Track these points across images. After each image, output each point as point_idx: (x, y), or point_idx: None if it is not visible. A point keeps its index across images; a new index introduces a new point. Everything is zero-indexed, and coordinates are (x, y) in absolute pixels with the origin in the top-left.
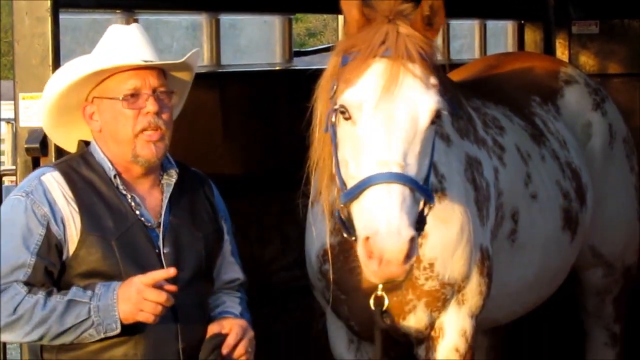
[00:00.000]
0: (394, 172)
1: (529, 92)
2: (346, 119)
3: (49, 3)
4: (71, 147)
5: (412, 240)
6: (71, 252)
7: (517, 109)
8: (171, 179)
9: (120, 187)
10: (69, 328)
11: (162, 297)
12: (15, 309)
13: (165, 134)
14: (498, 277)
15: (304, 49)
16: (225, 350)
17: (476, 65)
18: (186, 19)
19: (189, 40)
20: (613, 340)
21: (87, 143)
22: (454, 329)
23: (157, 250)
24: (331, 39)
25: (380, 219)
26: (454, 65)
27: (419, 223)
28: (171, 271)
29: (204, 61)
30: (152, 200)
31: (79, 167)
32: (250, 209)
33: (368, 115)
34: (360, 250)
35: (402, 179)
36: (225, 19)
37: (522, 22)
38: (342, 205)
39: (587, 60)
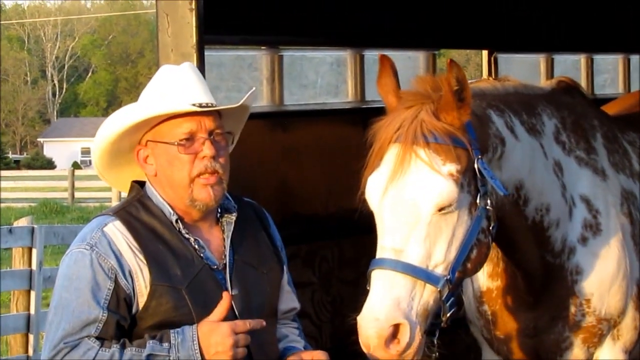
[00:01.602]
0: (386, 258)
1: None
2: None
3: (194, 40)
4: (123, 187)
5: (397, 326)
6: (141, 305)
7: None
8: (231, 216)
9: (183, 231)
10: None
11: (249, 340)
12: None
13: (223, 177)
14: None
15: None
16: None
17: (628, 100)
18: (331, 55)
19: (334, 76)
20: None
21: (139, 183)
22: None
23: None
24: (474, 74)
25: (366, 305)
26: (598, 101)
27: (447, 303)
28: (226, 301)
29: (348, 97)
30: (214, 240)
31: (138, 213)
32: None
33: (377, 201)
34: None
35: (392, 265)
36: (370, 54)
37: None
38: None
39: None
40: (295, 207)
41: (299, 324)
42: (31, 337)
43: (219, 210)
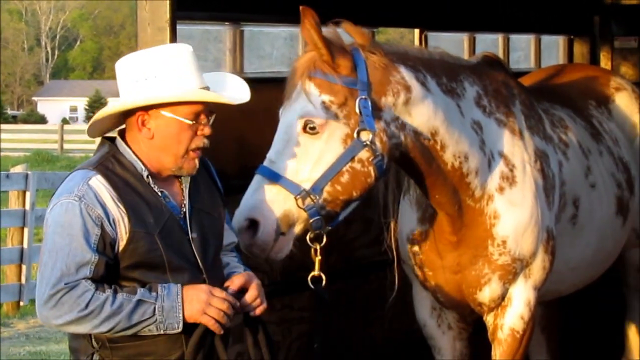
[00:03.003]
0: (262, 166)
1: (587, 97)
2: None
3: (168, 15)
4: (96, 135)
5: (252, 221)
6: (121, 247)
7: (578, 111)
8: None
9: (152, 184)
10: (135, 324)
11: (224, 305)
12: (87, 305)
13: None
14: (561, 255)
15: None
16: (228, 284)
17: (540, 74)
18: (285, 31)
19: (287, 48)
20: None
21: (108, 138)
22: (520, 299)
23: (187, 237)
24: None
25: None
26: (514, 74)
27: (309, 212)
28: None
29: None
30: (175, 192)
31: (114, 168)
32: None
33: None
34: None
35: (262, 171)
36: None
37: (572, 37)
38: None
39: (627, 70)
40: (252, 160)
41: (237, 253)
42: (24, 267)
43: None
